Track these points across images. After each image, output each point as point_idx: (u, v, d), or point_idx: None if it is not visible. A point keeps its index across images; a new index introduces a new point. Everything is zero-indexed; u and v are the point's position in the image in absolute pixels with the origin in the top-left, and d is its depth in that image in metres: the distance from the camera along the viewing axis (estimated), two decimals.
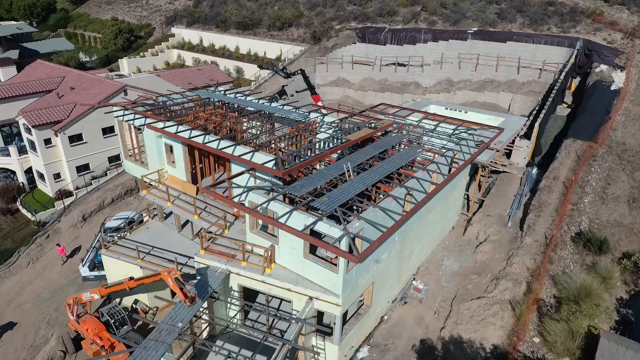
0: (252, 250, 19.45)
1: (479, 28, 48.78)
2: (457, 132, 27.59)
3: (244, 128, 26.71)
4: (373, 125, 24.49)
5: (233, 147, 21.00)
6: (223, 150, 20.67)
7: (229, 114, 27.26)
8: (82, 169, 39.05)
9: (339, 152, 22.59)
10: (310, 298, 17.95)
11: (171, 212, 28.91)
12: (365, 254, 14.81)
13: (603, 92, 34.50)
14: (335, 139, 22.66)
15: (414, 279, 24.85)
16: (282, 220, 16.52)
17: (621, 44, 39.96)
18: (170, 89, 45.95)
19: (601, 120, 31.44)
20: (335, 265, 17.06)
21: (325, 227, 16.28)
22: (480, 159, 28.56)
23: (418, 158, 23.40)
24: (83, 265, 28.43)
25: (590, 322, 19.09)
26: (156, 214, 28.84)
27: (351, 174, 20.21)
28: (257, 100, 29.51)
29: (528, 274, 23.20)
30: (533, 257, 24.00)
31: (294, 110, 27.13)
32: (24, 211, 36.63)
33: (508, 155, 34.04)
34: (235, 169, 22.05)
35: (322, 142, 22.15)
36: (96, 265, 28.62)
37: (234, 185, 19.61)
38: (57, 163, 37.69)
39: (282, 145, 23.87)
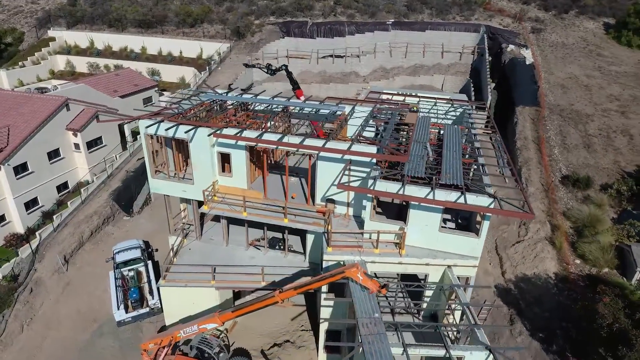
0: (371, 237, 20.31)
1: (395, 19, 54.32)
2: (451, 109, 31.74)
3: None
4: (414, 109, 26.81)
5: (323, 142, 21.09)
6: (332, 147, 20.66)
7: (261, 115, 26.44)
8: (31, 204, 32.21)
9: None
10: (449, 267, 19.78)
11: (202, 228, 26.82)
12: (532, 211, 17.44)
13: (522, 67, 42.85)
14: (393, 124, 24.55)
15: None
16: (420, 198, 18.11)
17: (514, 27, 49.60)
18: (104, 99, 40.70)
19: (533, 89, 39.34)
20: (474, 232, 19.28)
21: (473, 198, 18.30)
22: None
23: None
24: (118, 309, 24.43)
25: (618, 237, 25.23)
26: (188, 233, 26.40)
27: (431, 153, 22.51)
28: (271, 98, 28.93)
29: (545, 215, 28.74)
30: (541, 201, 29.69)
31: (320, 103, 27.70)
32: None
33: None
34: (322, 165, 22.01)
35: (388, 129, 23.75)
36: (132, 304, 24.93)
37: (356, 179, 19.97)
38: (0, 202, 30.37)
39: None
